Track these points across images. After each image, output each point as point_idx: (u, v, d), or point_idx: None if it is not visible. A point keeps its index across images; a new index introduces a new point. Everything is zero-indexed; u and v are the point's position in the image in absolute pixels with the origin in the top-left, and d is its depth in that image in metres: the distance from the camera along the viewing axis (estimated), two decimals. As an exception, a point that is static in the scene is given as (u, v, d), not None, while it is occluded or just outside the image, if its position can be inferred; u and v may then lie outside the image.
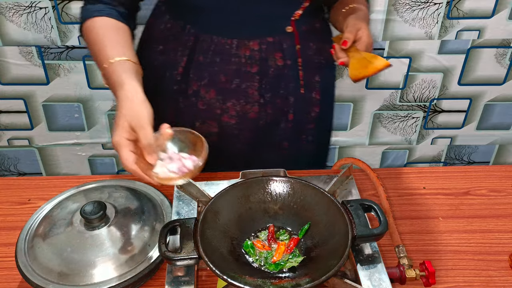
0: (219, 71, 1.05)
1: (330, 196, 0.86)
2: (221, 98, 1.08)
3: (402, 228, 0.95)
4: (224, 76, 1.06)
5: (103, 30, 0.96)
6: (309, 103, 1.15)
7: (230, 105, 1.09)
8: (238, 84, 1.06)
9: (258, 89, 1.07)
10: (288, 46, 1.05)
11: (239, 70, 1.05)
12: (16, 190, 1.05)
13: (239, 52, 1.04)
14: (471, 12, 1.54)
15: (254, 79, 1.06)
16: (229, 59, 1.04)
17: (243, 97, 1.08)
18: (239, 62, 1.04)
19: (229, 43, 1.03)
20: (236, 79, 1.06)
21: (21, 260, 0.84)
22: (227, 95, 1.08)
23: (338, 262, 0.75)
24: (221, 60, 1.05)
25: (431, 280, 0.83)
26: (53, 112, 1.72)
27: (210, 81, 1.07)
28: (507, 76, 1.68)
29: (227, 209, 0.87)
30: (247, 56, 1.04)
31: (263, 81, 1.07)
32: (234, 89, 1.07)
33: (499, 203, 1.02)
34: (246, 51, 1.03)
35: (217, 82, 1.07)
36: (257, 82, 1.06)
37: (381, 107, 1.75)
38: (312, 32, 1.09)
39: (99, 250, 0.84)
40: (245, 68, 1.05)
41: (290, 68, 1.07)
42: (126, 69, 0.89)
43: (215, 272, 0.74)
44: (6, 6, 1.48)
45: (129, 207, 0.91)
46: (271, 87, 1.08)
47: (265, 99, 1.09)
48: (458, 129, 1.83)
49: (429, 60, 1.64)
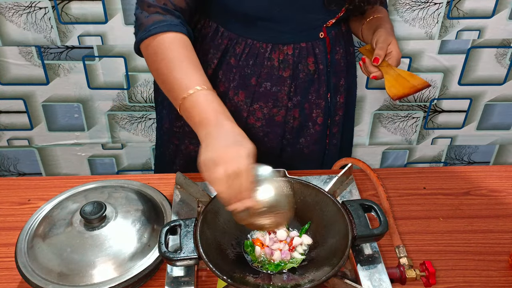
0: (251, 74, 1.06)
1: (330, 196, 0.86)
2: (249, 101, 1.08)
3: (402, 228, 0.95)
4: (255, 79, 1.06)
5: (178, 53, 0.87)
6: (335, 107, 1.16)
7: (257, 107, 1.09)
8: (268, 87, 1.07)
9: (287, 93, 1.08)
10: (320, 51, 1.06)
11: (270, 74, 1.06)
12: (16, 190, 1.05)
13: (273, 56, 1.04)
14: (471, 12, 1.54)
15: (285, 83, 1.07)
16: (262, 62, 1.05)
17: (272, 100, 1.08)
18: (271, 65, 1.05)
19: (264, 47, 1.03)
20: (267, 82, 1.06)
21: (20, 260, 0.84)
22: (255, 98, 1.08)
23: (338, 262, 0.75)
24: (253, 63, 1.05)
25: (432, 280, 0.83)
26: (53, 112, 1.72)
27: (239, 83, 1.07)
28: (507, 76, 1.68)
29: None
30: (281, 60, 1.05)
31: (293, 85, 1.08)
32: (263, 92, 1.07)
33: (499, 203, 1.02)
34: (280, 55, 1.04)
35: (247, 85, 1.07)
36: (287, 87, 1.07)
37: (381, 107, 1.75)
38: (340, 36, 1.10)
39: (99, 250, 0.83)
40: (277, 72, 1.06)
41: (320, 72, 1.08)
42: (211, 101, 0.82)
43: (215, 272, 0.74)
44: (6, 6, 1.48)
45: (129, 208, 0.91)
46: (300, 91, 1.09)
47: (293, 103, 1.10)
48: (458, 129, 1.83)
49: (429, 60, 1.64)
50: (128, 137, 1.79)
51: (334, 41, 1.08)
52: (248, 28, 1.03)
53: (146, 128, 1.77)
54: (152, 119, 1.75)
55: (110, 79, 1.64)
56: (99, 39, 1.55)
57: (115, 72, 1.63)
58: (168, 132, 1.21)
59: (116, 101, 1.70)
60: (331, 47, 1.08)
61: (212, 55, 1.07)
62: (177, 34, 0.89)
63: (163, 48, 0.88)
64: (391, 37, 1.04)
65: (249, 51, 1.04)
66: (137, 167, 1.89)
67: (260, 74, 1.06)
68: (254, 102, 1.09)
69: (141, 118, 1.75)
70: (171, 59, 0.86)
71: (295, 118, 1.12)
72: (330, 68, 1.10)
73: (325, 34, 1.05)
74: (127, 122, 1.75)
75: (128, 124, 1.76)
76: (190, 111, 0.82)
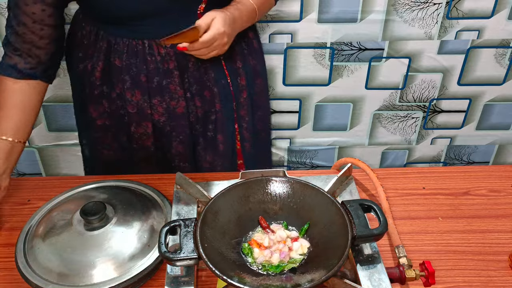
0: (139, 72, 1.08)
1: (330, 196, 0.86)
2: (147, 97, 1.11)
3: (402, 228, 0.95)
4: (144, 76, 1.08)
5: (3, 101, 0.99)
6: (237, 89, 1.18)
7: (156, 102, 1.12)
8: (159, 82, 1.09)
9: (179, 84, 1.10)
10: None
11: (157, 68, 1.08)
12: (15, 191, 1.05)
13: (153, 51, 1.06)
14: (471, 12, 1.54)
15: (173, 75, 1.09)
16: (145, 58, 1.07)
17: (167, 93, 1.11)
18: (155, 60, 1.07)
19: (141, 44, 1.06)
20: (156, 77, 1.09)
21: (20, 260, 0.85)
22: (151, 94, 1.11)
23: (338, 262, 0.75)
24: (138, 61, 1.07)
25: (431, 280, 0.83)
26: (53, 113, 1.72)
27: (132, 83, 1.10)
28: (506, 76, 1.68)
29: (227, 209, 0.87)
30: (162, 54, 1.07)
31: (184, 76, 1.10)
32: (156, 87, 1.10)
33: (499, 203, 1.02)
34: (160, 49, 1.06)
35: (139, 82, 1.10)
36: (177, 78, 1.09)
37: (380, 107, 1.75)
38: None
39: (99, 250, 0.84)
40: (162, 66, 1.08)
41: (210, 59, 1.07)
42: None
43: (214, 272, 0.74)
44: (6, 6, 1.48)
45: (129, 208, 0.91)
46: (194, 81, 1.11)
47: (191, 92, 1.12)
48: (457, 129, 1.83)
49: (429, 60, 1.64)
50: (127, 137, 1.79)
51: None
52: (124, 28, 1.05)
53: (146, 128, 1.77)
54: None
55: (109, 79, 1.64)
56: (99, 39, 1.55)
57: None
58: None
59: (116, 102, 1.70)
60: None
61: (96, 58, 1.10)
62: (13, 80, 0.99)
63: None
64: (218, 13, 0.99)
65: (128, 50, 1.06)
66: (137, 167, 1.89)
67: (148, 70, 1.08)
68: (152, 98, 1.11)
69: (140, 118, 1.75)
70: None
71: (197, 107, 1.14)
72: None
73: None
74: (127, 122, 1.75)
75: (128, 124, 1.76)
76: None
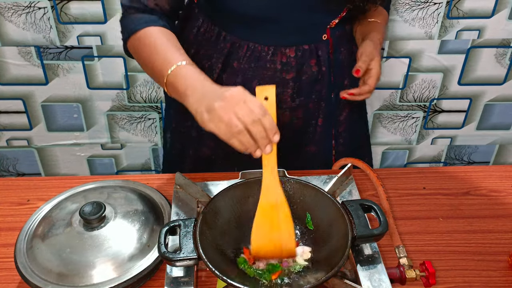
0: (253, 76, 1.06)
1: (330, 196, 0.86)
2: None
3: (402, 229, 0.95)
4: (258, 82, 1.06)
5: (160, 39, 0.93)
6: (339, 106, 1.16)
7: None
8: None
9: (290, 95, 1.08)
10: (323, 53, 1.06)
11: (273, 76, 1.06)
12: (15, 191, 1.05)
13: (275, 59, 1.04)
14: (471, 12, 1.53)
15: (288, 85, 1.07)
16: (265, 65, 1.05)
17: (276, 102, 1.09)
18: (274, 68, 1.05)
19: (266, 50, 1.04)
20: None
21: (20, 261, 0.84)
22: None
23: (338, 262, 0.75)
24: (256, 66, 1.05)
25: (431, 280, 0.82)
26: (52, 113, 1.71)
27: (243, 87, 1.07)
28: (507, 76, 1.68)
29: (227, 209, 0.87)
30: (283, 62, 1.05)
31: (296, 87, 1.08)
32: None
33: (499, 203, 1.02)
34: (283, 58, 1.04)
35: (250, 88, 1.07)
36: (290, 89, 1.07)
37: (381, 107, 1.75)
38: (344, 36, 1.10)
39: (98, 250, 0.83)
40: (280, 74, 1.06)
41: (323, 74, 1.08)
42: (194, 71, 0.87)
43: (214, 272, 0.74)
44: (5, 6, 1.48)
45: (128, 208, 0.91)
46: (304, 92, 1.09)
47: (296, 103, 1.10)
48: (458, 129, 1.83)
49: (429, 60, 1.63)
50: (127, 137, 1.79)
51: (338, 42, 1.08)
52: (249, 31, 1.03)
53: (146, 128, 1.77)
54: (152, 119, 1.75)
55: (109, 79, 1.64)
56: (98, 39, 1.55)
57: (115, 72, 1.63)
58: (175, 132, 1.22)
59: (116, 101, 1.69)
60: (334, 48, 1.08)
61: (216, 59, 1.07)
62: (155, 27, 0.95)
63: (144, 39, 0.94)
64: (376, 52, 1.04)
65: (251, 54, 1.04)
66: (137, 167, 1.89)
67: (263, 77, 1.06)
68: None
69: (140, 118, 1.74)
70: (152, 44, 0.92)
71: (298, 118, 1.12)
72: (333, 68, 1.09)
73: (328, 36, 1.05)
74: (127, 122, 1.75)
75: (128, 124, 1.76)
76: (174, 84, 0.86)
